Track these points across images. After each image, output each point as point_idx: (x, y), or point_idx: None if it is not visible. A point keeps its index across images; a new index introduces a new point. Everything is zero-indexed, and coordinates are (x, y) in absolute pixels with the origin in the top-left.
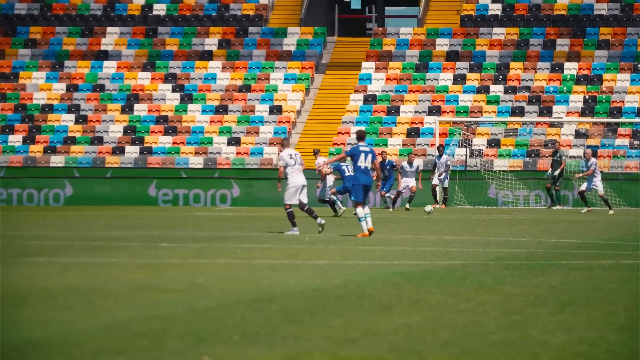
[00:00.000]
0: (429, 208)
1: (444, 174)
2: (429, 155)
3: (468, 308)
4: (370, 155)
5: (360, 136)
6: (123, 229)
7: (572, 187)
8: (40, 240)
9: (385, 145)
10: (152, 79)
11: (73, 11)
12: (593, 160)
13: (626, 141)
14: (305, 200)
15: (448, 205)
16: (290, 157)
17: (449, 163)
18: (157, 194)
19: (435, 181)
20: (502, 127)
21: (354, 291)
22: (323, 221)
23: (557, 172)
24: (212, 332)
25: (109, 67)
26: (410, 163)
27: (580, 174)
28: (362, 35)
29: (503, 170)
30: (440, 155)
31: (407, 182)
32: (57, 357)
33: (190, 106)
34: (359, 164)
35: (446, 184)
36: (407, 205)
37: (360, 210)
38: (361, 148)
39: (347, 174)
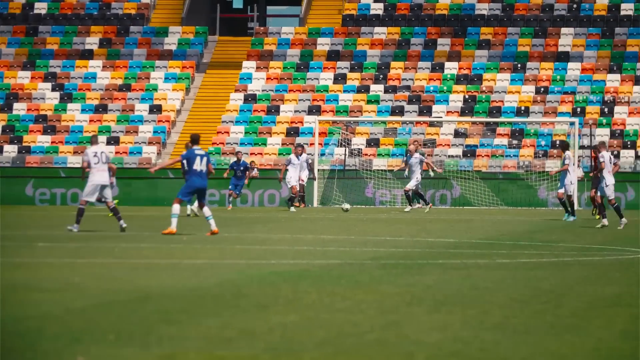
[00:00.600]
0: (346, 206)
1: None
2: (308, 154)
3: (344, 307)
4: (205, 159)
5: (195, 140)
6: None
7: (451, 187)
8: None
9: (265, 144)
10: (32, 77)
11: None
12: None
13: (505, 141)
14: (109, 198)
15: (326, 204)
16: (95, 155)
17: (310, 161)
18: (34, 193)
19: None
20: (382, 126)
21: (231, 291)
22: (125, 225)
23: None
24: (88, 331)
25: None
26: (298, 155)
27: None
28: (243, 35)
29: (382, 170)
30: (298, 155)
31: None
32: None
33: (69, 105)
34: (194, 167)
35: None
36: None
37: (177, 207)
38: (196, 152)
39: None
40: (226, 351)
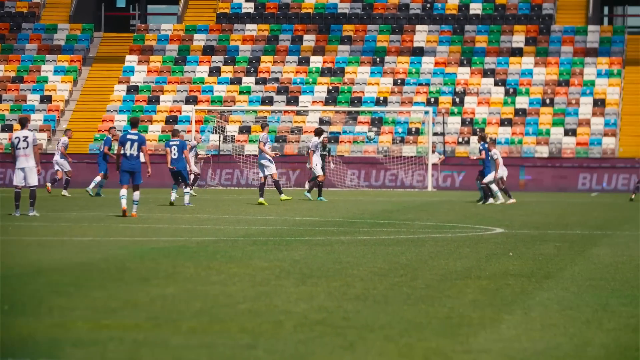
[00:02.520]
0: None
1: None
2: (186, 140)
3: (219, 280)
4: (136, 144)
5: (133, 123)
6: None
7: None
8: None
9: (146, 131)
10: None
11: None
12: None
13: (365, 128)
14: (32, 183)
15: (203, 187)
16: (18, 140)
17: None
18: None
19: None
20: (253, 115)
21: (115, 265)
22: (32, 214)
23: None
24: None
25: None
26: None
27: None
28: (126, 31)
29: (253, 155)
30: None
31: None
32: None
33: None
34: (124, 150)
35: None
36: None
37: (123, 191)
38: (128, 136)
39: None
40: (111, 320)
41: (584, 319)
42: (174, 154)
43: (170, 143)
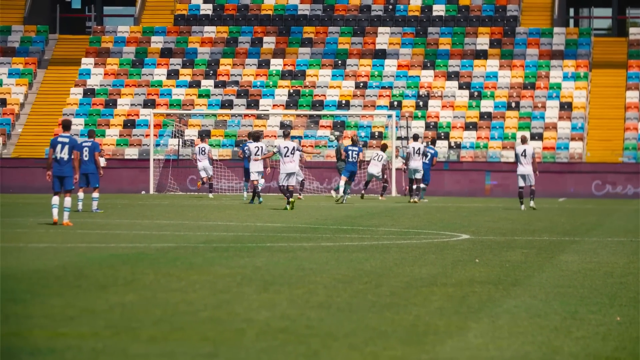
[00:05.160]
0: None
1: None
2: (143, 145)
3: (179, 287)
4: (67, 147)
5: (65, 126)
6: None
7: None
8: None
9: (103, 136)
10: None
11: None
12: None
13: (327, 132)
14: None
15: (162, 192)
16: None
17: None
18: None
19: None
20: (213, 119)
21: (73, 272)
22: None
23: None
24: None
25: None
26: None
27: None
28: (82, 33)
29: (214, 160)
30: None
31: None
32: None
33: None
34: (54, 154)
35: None
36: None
37: (55, 198)
38: (59, 139)
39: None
40: (69, 328)
41: (553, 326)
42: (85, 156)
43: (83, 144)
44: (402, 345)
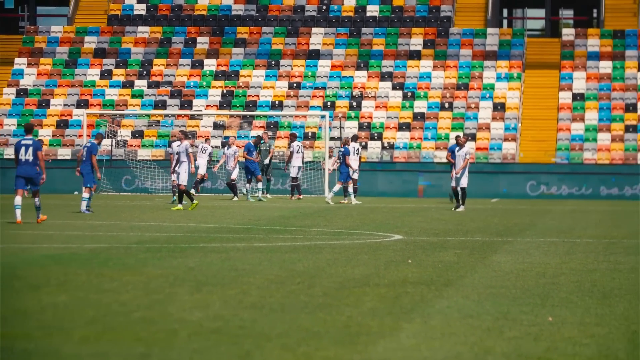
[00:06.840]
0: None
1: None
2: (77, 145)
3: (112, 288)
4: (31, 148)
5: (27, 129)
6: None
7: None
8: None
9: (37, 136)
10: None
11: None
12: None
13: (260, 132)
14: None
15: (96, 192)
16: None
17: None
18: None
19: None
20: (146, 119)
21: (5, 273)
22: None
23: (267, 161)
24: None
25: None
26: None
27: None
28: (15, 33)
29: (146, 160)
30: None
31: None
32: None
33: None
34: (19, 156)
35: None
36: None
37: (17, 199)
38: (22, 142)
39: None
40: (0, 329)
41: (485, 327)
42: (83, 155)
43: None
44: (334, 346)
